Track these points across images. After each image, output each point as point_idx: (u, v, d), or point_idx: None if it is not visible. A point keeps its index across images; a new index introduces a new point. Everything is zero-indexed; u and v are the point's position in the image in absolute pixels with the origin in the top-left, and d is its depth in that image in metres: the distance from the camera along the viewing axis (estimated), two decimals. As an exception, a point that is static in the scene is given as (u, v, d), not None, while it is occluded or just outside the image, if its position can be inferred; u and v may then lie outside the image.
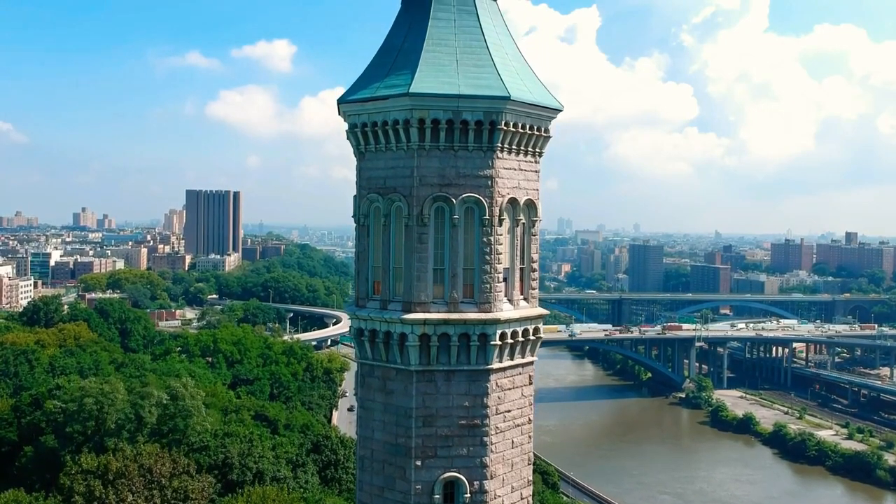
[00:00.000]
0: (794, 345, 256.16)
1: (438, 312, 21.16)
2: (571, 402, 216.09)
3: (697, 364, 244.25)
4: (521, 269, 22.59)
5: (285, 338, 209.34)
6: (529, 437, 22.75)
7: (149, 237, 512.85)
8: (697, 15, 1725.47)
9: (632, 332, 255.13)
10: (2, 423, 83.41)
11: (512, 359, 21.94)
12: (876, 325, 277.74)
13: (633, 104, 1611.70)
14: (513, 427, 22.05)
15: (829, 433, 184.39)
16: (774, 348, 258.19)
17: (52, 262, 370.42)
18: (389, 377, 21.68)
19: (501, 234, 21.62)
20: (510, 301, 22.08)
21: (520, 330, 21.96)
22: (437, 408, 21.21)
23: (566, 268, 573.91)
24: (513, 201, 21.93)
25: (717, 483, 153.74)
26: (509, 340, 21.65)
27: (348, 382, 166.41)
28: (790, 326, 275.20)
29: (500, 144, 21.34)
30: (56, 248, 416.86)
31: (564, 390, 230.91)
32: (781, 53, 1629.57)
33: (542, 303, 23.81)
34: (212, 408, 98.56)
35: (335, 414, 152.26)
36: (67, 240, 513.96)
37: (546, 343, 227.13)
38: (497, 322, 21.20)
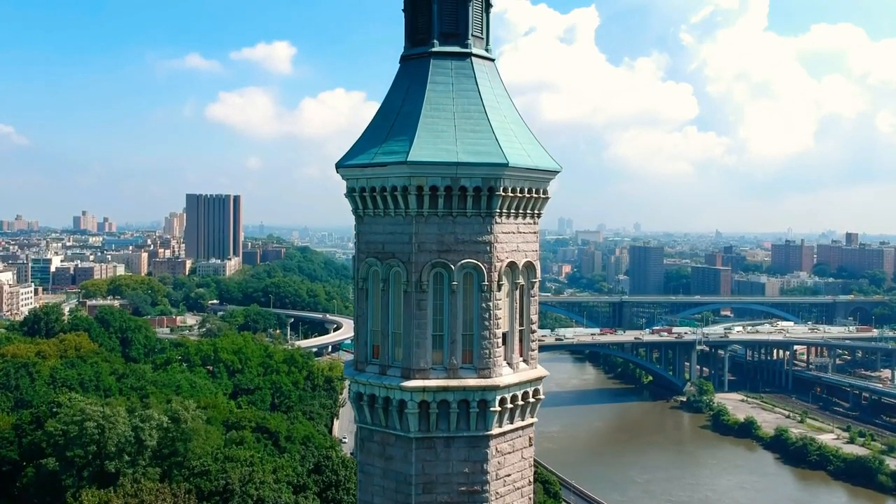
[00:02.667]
0: (795, 347, 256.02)
1: (437, 379, 21.10)
2: (573, 406, 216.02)
3: (698, 367, 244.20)
4: (521, 331, 22.53)
5: (286, 345, 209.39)
6: (530, 498, 22.70)
7: (149, 241, 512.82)
8: (696, 14, 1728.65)
9: (617, 337, 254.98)
10: (3, 442, 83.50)
11: (512, 422, 21.88)
12: (872, 327, 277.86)
13: (632, 104, 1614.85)
14: (513, 490, 22.00)
15: (830, 437, 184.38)
16: (775, 351, 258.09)
17: (52, 268, 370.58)
18: (389, 443, 21.62)
19: (500, 299, 21.57)
20: (510, 364, 22.02)
21: (519, 394, 21.91)
22: (436, 474, 21.16)
23: (566, 269, 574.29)
24: (512, 265, 21.87)
25: (722, 491, 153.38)
26: (509, 405, 21.59)
27: (349, 391, 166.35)
28: (784, 329, 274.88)
29: (498, 210, 21.30)
30: (56, 254, 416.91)
31: (566, 394, 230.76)
32: (780, 52, 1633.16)
33: (543, 305, 23.80)
34: (213, 422, 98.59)
35: (336, 423, 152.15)
36: (68, 244, 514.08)
37: (546, 348, 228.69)
38: (496, 388, 21.15)
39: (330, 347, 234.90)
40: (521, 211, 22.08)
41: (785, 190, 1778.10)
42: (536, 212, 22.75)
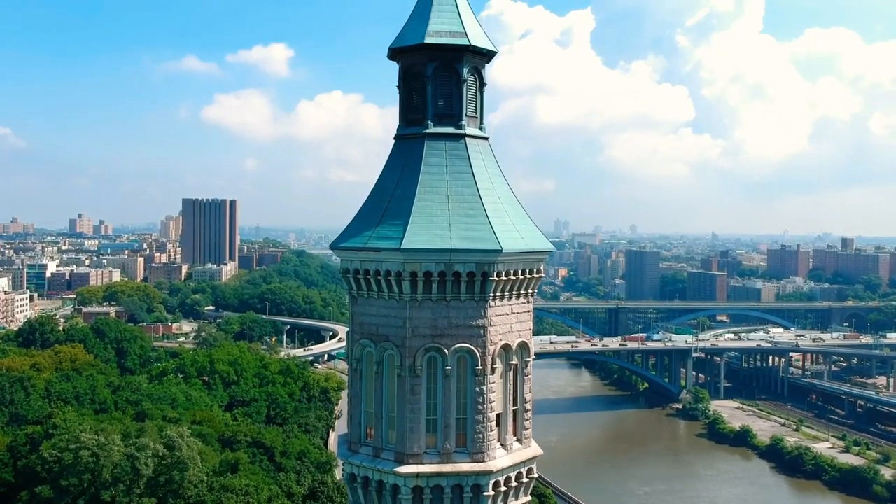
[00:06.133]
0: (791, 354, 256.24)
1: (431, 464, 21.09)
2: (570, 413, 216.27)
3: (694, 373, 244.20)
4: (514, 411, 22.55)
5: (282, 354, 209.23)
6: (524, 575, 22.71)
7: (145, 245, 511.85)
8: (692, 17, 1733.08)
9: (595, 345, 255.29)
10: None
11: (505, 504, 21.91)
12: (859, 334, 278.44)
13: (628, 106, 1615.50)
14: (507, 571, 21.99)
15: (825, 446, 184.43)
16: (771, 358, 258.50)
17: (48, 274, 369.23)
18: (383, 525, 21.62)
19: (494, 382, 21.60)
20: (503, 446, 22.02)
21: (513, 475, 21.93)
22: (431, 558, 21.15)
23: (563, 272, 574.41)
24: (506, 347, 21.91)
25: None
26: (502, 488, 21.62)
27: (345, 402, 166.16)
28: (771, 338, 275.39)
29: (492, 293, 21.34)
30: (52, 258, 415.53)
31: (564, 402, 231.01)
32: (775, 55, 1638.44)
33: (539, 311, 23.76)
34: (208, 438, 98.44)
35: (332, 435, 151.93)
36: (63, 248, 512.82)
37: (543, 355, 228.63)
38: (490, 473, 21.15)
39: (326, 356, 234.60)
40: (514, 292, 22.12)
41: (780, 192, 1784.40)
42: (530, 291, 22.79)
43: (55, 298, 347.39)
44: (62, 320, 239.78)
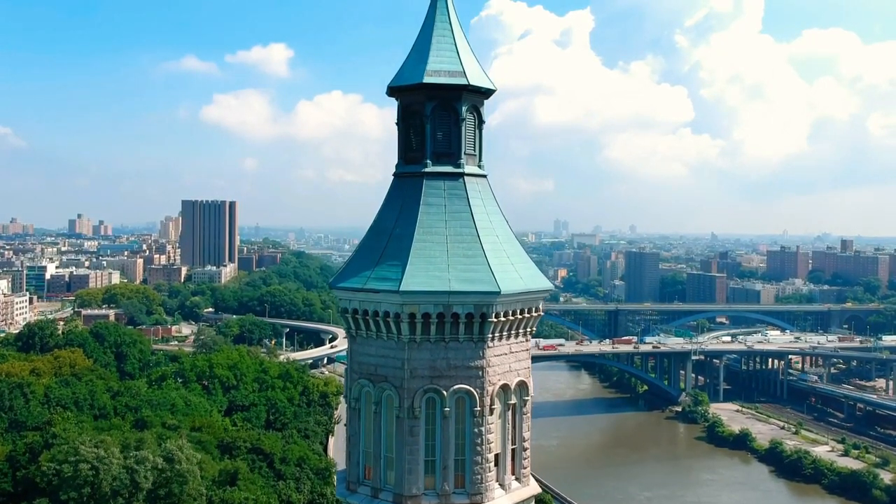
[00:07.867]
0: (791, 356, 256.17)
1: (429, 506, 21.08)
2: (570, 416, 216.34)
3: (694, 375, 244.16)
4: (513, 450, 22.49)
5: (281, 357, 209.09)
6: None
7: (145, 246, 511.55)
8: (691, 18, 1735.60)
9: (585, 348, 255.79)
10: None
11: (505, 544, 21.84)
12: (855, 336, 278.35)
13: (627, 107, 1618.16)
14: None
15: (824, 449, 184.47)
16: (770, 360, 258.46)
17: (47, 276, 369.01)
18: (382, 567, 21.56)
19: (493, 423, 21.55)
20: (502, 486, 21.96)
21: (512, 515, 21.90)
22: None
23: (562, 273, 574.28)
24: (504, 387, 21.85)
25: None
26: (501, 529, 21.58)
27: (344, 406, 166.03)
28: (766, 340, 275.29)
29: (490, 334, 21.30)
30: (51, 260, 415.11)
31: (563, 405, 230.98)
32: (774, 55, 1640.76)
33: None
34: (207, 445, 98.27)
35: (331, 440, 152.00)
36: (63, 249, 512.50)
37: (542, 358, 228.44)
38: (489, 514, 21.14)
39: (325, 359, 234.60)
40: (513, 332, 22.07)
41: (779, 192, 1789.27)
42: (529, 330, 22.74)
43: (54, 300, 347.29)
44: (61, 323, 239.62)
